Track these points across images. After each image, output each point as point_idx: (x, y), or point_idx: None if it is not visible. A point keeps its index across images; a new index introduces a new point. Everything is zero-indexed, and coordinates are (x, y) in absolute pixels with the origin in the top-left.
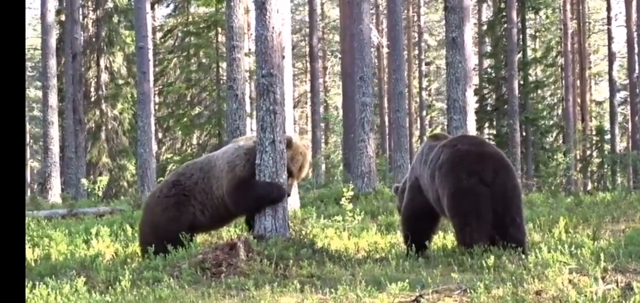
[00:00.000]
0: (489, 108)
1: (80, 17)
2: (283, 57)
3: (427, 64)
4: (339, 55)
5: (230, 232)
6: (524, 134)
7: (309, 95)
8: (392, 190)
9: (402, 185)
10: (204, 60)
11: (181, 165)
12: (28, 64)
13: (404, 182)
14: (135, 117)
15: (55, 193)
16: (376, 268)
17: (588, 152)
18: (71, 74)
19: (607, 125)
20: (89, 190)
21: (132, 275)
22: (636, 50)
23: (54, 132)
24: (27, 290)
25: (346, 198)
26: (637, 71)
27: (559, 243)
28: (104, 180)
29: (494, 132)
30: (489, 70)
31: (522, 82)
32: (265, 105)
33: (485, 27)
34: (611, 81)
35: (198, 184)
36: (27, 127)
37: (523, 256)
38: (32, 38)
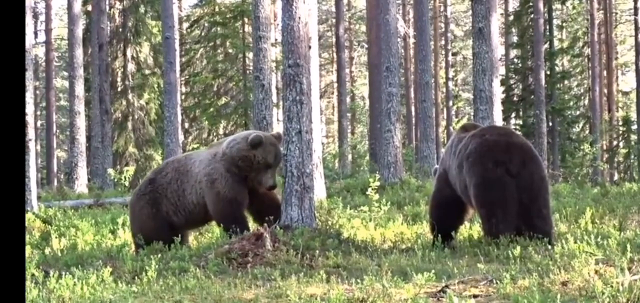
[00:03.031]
0: (515, 98)
1: (107, 7)
2: (309, 47)
3: (454, 54)
4: (366, 46)
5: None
6: (551, 124)
7: (335, 85)
8: (432, 172)
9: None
10: (230, 51)
11: (163, 162)
12: (55, 54)
13: (436, 169)
14: (162, 107)
15: (81, 183)
16: (402, 259)
17: (614, 143)
18: (98, 64)
19: (633, 116)
20: (116, 180)
21: (158, 265)
22: None
23: (81, 122)
24: (53, 280)
25: (372, 189)
26: None
27: (585, 234)
28: (130, 170)
29: (521, 122)
30: (515, 60)
31: (548, 73)
32: (291, 96)
33: (511, 18)
34: (638, 71)
35: (170, 184)
36: (54, 116)
37: (549, 247)
38: (59, 28)
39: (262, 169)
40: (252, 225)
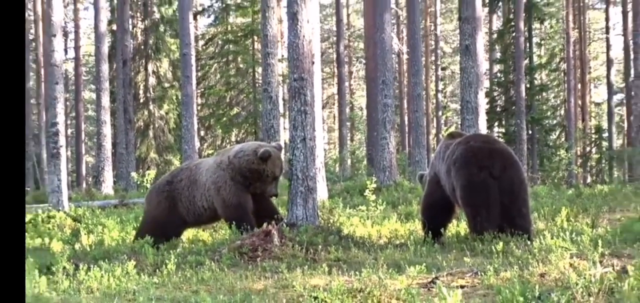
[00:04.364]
0: (498, 109)
1: (130, 27)
2: (313, 62)
3: (443, 69)
4: (364, 61)
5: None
6: (530, 132)
7: (336, 97)
8: (417, 178)
9: (424, 177)
10: (241, 66)
11: (177, 167)
12: (83, 69)
13: (425, 174)
14: (180, 116)
15: (108, 186)
16: (396, 253)
17: (588, 149)
18: (122, 78)
19: (605, 125)
20: (138, 182)
21: (177, 259)
22: (632, 57)
23: (107, 131)
24: (83, 272)
25: (369, 190)
26: (632, 75)
27: (561, 231)
28: (151, 173)
29: (503, 130)
30: (498, 74)
31: (528, 86)
32: (296, 106)
33: (495, 36)
34: (609, 85)
35: (184, 190)
36: (82, 125)
37: (528, 242)
38: (87, 46)
39: (268, 180)
40: None
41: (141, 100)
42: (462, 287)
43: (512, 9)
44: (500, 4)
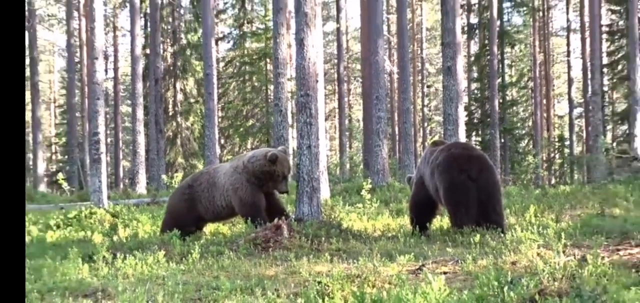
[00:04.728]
0: (475, 121)
1: (161, 51)
2: (317, 81)
3: (428, 86)
4: (360, 80)
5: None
6: (503, 140)
7: (337, 110)
8: (406, 180)
9: (412, 179)
10: (256, 84)
11: (198, 171)
12: (121, 87)
13: (413, 176)
14: (203, 127)
15: (141, 186)
16: (389, 244)
17: (552, 155)
18: (154, 95)
19: (567, 134)
20: (168, 183)
21: (200, 249)
22: (589, 76)
23: (141, 139)
24: (120, 261)
25: (365, 190)
26: (590, 92)
27: (530, 225)
28: (179, 175)
29: (480, 139)
30: (475, 91)
31: (501, 101)
32: (302, 118)
33: (472, 58)
34: (570, 100)
35: (204, 192)
36: (120, 135)
37: (502, 235)
38: (124, 67)
39: (279, 179)
40: None
41: (170, 113)
42: (445, 273)
43: (487, 36)
44: (476, 31)
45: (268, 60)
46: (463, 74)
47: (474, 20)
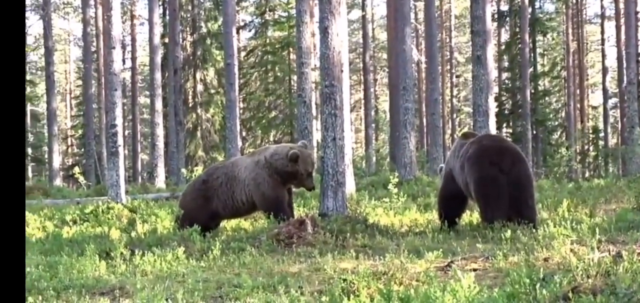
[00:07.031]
0: (506, 112)
1: (180, 40)
2: (342, 71)
3: (457, 76)
4: (387, 70)
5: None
6: (535, 132)
7: (362, 101)
8: (438, 170)
9: (443, 169)
10: (278, 74)
11: (212, 166)
12: (139, 77)
13: (443, 166)
14: (224, 119)
15: (160, 180)
16: (416, 240)
17: (586, 147)
18: (173, 85)
19: (601, 126)
20: (187, 177)
21: (221, 245)
22: (624, 65)
23: (160, 132)
24: (138, 257)
25: (392, 184)
26: (625, 82)
27: (563, 220)
28: (199, 169)
29: (511, 131)
30: (506, 81)
31: (533, 91)
32: (327, 110)
33: (503, 47)
34: (604, 90)
35: (221, 186)
36: (138, 127)
37: (534, 230)
38: (142, 57)
39: (304, 177)
40: None
41: (190, 105)
42: (474, 270)
43: (518, 24)
44: (507, 19)
45: (291, 49)
46: (493, 63)
47: (504, 7)
